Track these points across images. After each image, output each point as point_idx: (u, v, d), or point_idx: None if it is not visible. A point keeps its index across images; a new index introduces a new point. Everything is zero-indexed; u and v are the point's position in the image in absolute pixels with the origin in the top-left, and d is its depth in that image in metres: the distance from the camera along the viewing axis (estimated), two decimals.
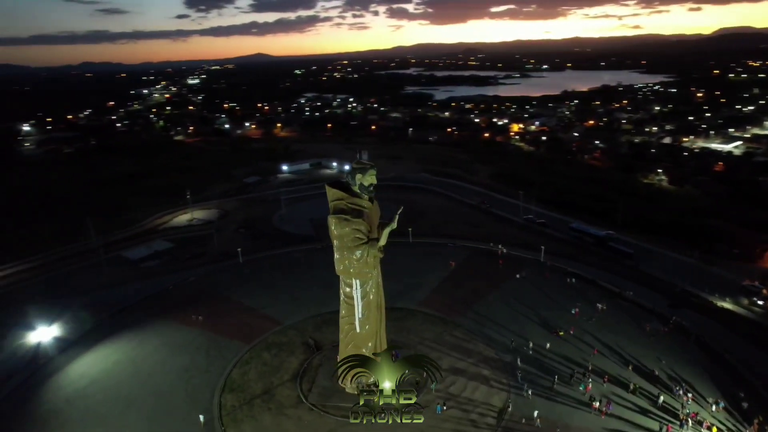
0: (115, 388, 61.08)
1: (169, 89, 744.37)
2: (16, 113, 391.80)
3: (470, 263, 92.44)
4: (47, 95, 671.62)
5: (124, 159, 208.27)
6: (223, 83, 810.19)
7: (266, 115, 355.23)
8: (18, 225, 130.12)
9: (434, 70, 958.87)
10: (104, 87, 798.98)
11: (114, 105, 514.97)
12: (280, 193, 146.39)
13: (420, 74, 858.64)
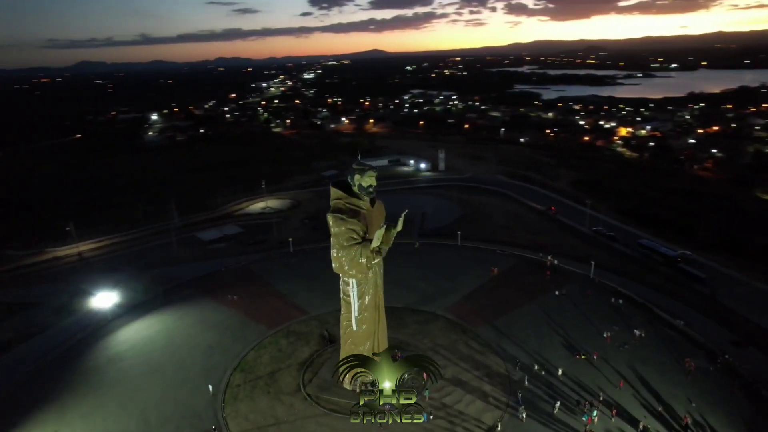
0: (147, 355, 67.84)
1: (286, 83, 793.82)
2: (155, 103, 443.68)
3: (514, 272, 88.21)
4: (184, 88, 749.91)
5: (224, 147, 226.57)
6: (335, 78, 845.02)
7: (366, 111, 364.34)
8: (121, 203, 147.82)
9: (549, 68, 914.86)
10: (232, 80, 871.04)
11: (235, 97, 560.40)
12: None
13: (533, 72, 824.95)
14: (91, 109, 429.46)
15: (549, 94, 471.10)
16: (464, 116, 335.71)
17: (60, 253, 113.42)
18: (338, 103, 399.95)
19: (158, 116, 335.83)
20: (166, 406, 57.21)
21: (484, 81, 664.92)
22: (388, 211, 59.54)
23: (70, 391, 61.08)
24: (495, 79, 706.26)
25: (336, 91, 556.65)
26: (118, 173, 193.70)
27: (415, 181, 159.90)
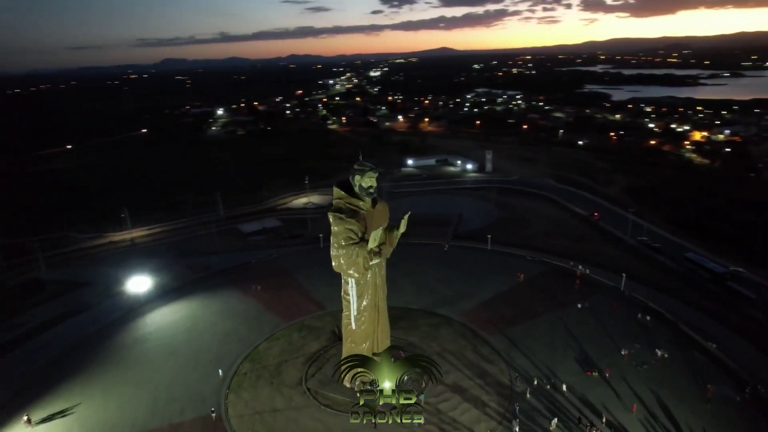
0: (168, 338, 71.81)
1: (352, 80, 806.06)
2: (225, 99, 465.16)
3: (540, 280, 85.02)
4: (255, 84, 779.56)
5: (279, 142, 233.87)
6: (401, 76, 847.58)
7: (425, 109, 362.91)
8: (177, 193, 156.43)
9: (624, 67, 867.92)
10: (302, 77, 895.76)
11: (302, 93, 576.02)
12: (392, 186, 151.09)
13: (605, 72, 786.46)
14: (169, 104, 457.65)
15: (620, 95, 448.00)
16: (525, 116, 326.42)
17: (115, 238, 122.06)
18: (398, 101, 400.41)
19: (224, 111, 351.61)
20: (176, 388, 60.29)
21: (552, 80, 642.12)
22: (421, 210, 58.94)
23: (97, 366, 65.81)
24: (564, 78, 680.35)
25: (400, 89, 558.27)
26: (180, 165, 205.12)
27: (459, 182, 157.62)
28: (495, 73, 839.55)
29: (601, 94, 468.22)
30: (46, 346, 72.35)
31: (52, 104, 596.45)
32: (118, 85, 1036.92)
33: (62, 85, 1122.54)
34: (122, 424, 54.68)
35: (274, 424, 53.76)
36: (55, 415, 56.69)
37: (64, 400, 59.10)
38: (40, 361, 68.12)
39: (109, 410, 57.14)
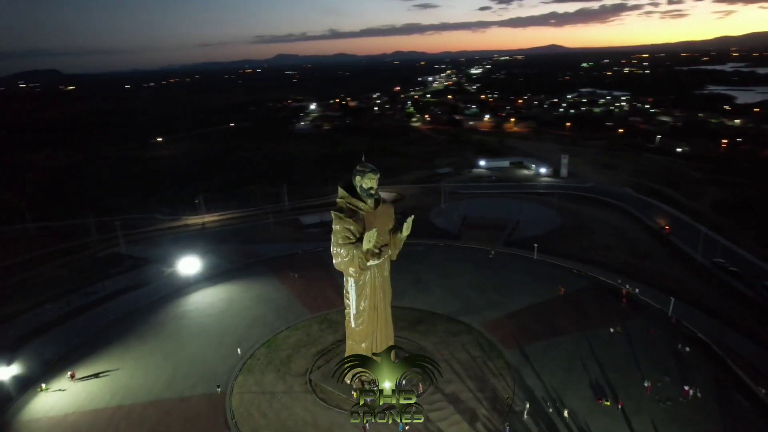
0: (202, 318, 77.50)
1: (451, 78, 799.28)
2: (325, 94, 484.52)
3: (580, 296, 79.34)
4: (358, 80, 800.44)
5: (359, 138, 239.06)
6: (503, 74, 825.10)
7: (519, 109, 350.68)
8: (255, 182, 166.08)
9: (762, 65, 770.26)
10: (403, 74, 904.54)
11: (399, 90, 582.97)
12: (457, 187, 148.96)
13: (736, 70, 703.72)
14: (274, 98, 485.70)
15: (748, 97, 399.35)
16: (625, 119, 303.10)
17: (189, 221, 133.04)
18: (490, 99, 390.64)
19: (317, 106, 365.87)
20: (195, 365, 64.99)
21: (667, 81, 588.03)
22: (479, 214, 57.94)
23: (136, 337, 72.82)
24: (683, 78, 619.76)
25: (498, 87, 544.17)
26: (264, 156, 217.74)
27: (529, 186, 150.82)
28: (604, 72, 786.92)
29: (723, 96, 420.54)
30: (105, 314, 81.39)
31: (175, 96, 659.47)
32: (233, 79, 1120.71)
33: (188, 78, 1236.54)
34: (141, 391, 60.14)
35: (268, 409, 56.09)
36: (93, 376, 63.76)
37: (104, 363, 66.24)
38: (95, 327, 76.71)
39: (135, 377, 63.11)
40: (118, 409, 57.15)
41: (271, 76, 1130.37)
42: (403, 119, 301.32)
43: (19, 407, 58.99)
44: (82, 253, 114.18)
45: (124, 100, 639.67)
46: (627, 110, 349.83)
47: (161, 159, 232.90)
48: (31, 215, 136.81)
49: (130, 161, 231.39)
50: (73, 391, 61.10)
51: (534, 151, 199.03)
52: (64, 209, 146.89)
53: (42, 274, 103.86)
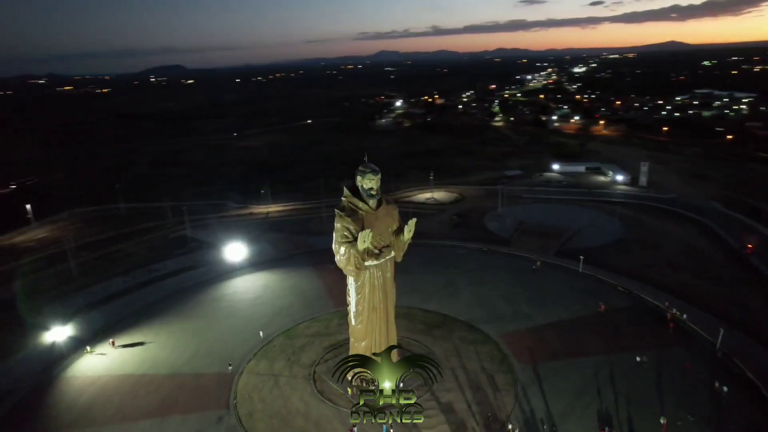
0: (236, 302, 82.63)
1: (551, 77, 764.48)
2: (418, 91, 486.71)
3: (620, 316, 73.17)
4: (454, 77, 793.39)
5: (436, 136, 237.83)
6: (608, 73, 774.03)
7: (616, 110, 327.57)
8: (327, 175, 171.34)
9: None
10: (502, 71, 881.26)
11: (494, 88, 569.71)
12: (523, 191, 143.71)
13: None
14: (369, 94, 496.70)
15: None
16: (742, 125, 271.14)
17: (255, 210, 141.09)
18: (584, 100, 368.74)
19: (403, 102, 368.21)
20: (217, 344, 69.58)
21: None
22: (536, 220, 56.86)
23: (175, 314, 79.49)
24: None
25: (600, 88, 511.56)
26: (342, 151, 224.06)
27: (601, 194, 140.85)
28: (729, 71, 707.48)
29: None
30: (158, 290, 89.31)
31: (278, 91, 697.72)
32: (334, 75, 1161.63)
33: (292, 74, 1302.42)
34: (165, 363, 65.73)
35: (267, 394, 58.69)
36: (130, 345, 70.66)
37: (142, 335, 73.17)
38: (145, 301, 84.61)
39: (164, 350, 69.02)
40: (141, 377, 62.91)
41: (370, 73, 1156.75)
42: (485, 118, 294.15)
43: (68, 364, 67.05)
44: (158, 233, 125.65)
45: (232, 93, 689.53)
46: (746, 114, 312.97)
47: (250, 149, 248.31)
48: (124, 196, 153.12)
49: (223, 150, 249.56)
50: (111, 357, 68.19)
51: (618, 156, 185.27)
52: (155, 192, 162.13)
53: (122, 249, 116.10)
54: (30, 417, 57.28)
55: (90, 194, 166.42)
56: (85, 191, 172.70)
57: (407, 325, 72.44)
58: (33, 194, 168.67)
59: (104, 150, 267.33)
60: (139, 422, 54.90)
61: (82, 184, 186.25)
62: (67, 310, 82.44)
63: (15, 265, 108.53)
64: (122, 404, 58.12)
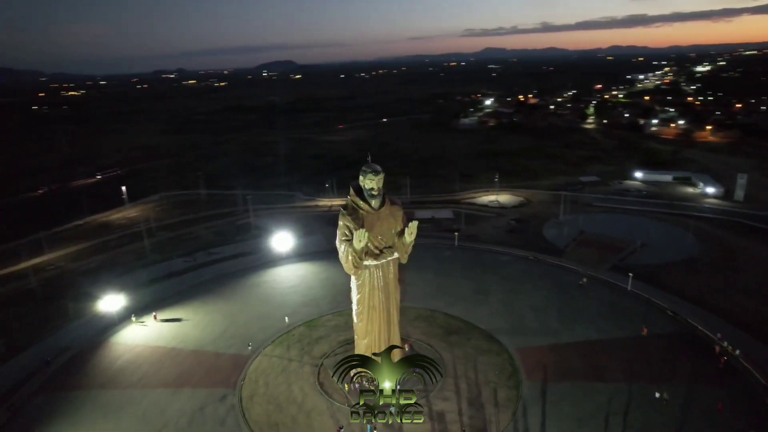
0: (270, 288, 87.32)
1: (667, 76, 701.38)
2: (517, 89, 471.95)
3: (663, 343, 66.18)
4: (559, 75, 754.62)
5: (517, 137, 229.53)
6: (738, 72, 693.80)
7: (734, 114, 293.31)
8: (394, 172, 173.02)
9: None
10: (613, 70, 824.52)
11: (600, 88, 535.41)
12: (596, 199, 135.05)
13: None
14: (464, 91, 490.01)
15: None
16: None
17: (320, 203, 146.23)
18: (696, 102, 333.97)
19: (493, 101, 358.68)
20: (243, 327, 73.87)
21: None
22: (599, 231, 56.68)
23: (216, 296, 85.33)
24: None
25: (725, 89, 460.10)
26: (419, 148, 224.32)
27: (683, 207, 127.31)
28: None
29: None
30: (208, 273, 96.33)
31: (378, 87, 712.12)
32: (436, 71, 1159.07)
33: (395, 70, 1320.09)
34: (193, 340, 71.19)
35: (273, 380, 61.37)
36: (169, 320, 77.27)
37: (181, 312, 79.69)
38: (195, 282, 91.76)
39: (196, 328, 74.70)
40: (169, 350, 68.70)
41: (473, 70, 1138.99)
42: (576, 120, 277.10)
43: (115, 331, 75.06)
44: (226, 219, 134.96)
45: (334, 88, 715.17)
46: None
47: (333, 144, 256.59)
48: (209, 183, 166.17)
49: (308, 143, 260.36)
50: (151, 328, 75.16)
51: (719, 166, 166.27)
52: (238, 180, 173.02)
53: (192, 232, 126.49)
54: (75, 372, 65.15)
55: (183, 179, 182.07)
56: (181, 176, 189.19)
57: (425, 327, 71.86)
58: (138, 177, 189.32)
59: (207, 139, 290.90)
60: (156, 390, 60.11)
61: (181, 170, 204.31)
62: (131, 282, 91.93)
63: (105, 240, 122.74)
64: (146, 373, 63.94)
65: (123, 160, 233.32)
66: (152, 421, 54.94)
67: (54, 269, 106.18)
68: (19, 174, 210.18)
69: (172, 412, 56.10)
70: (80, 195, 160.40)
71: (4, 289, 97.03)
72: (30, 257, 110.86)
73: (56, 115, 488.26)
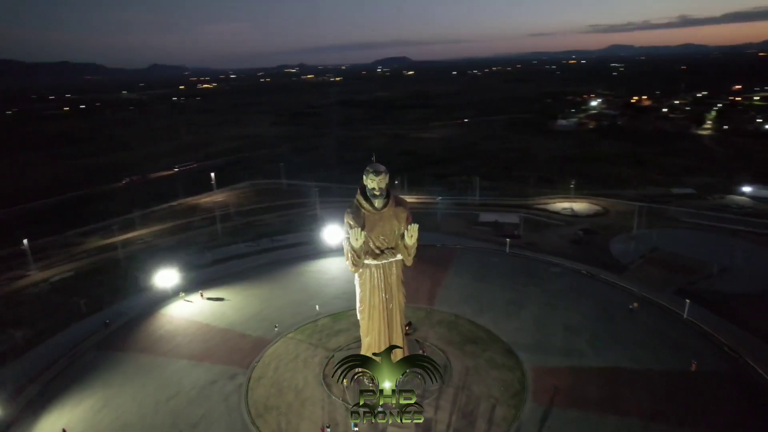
0: (311, 279, 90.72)
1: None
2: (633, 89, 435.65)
3: (710, 382, 58.25)
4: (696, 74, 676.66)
5: (615, 141, 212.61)
6: None
7: None
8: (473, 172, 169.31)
9: None
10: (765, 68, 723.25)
11: (739, 89, 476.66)
12: (689, 214, 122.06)
13: None
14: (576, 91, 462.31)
15: None
16: None
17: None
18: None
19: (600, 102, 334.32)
20: (275, 312, 78.00)
21: None
22: (676, 249, 59.03)
23: (260, 281, 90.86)
24: None
25: None
26: (507, 149, 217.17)
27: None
28: None
29: None
30: (265, 258, 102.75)
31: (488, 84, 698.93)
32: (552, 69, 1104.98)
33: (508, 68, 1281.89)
34: (227, 320, 76.73)
35: (283, 366, 64.33)
36: (214, 299, 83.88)
37: (225, 293, 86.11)
38: (250, 265, 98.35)
39: (233, 309, 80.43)
40: (204, 327, 74.84)
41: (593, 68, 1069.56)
42: (689, 124, 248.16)
43: (165, 304, 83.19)
44: (298, 209, 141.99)
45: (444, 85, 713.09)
46: None
47: (425, 141, 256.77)
48: (293, 175, 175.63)
49: (400, 140, 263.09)
50: (195, 305, 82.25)
51: None
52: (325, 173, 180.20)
53: (264, 219, 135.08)
54: (123, 336, 73.81)
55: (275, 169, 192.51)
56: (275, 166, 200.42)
57: (444, 333, 70.56)
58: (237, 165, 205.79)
59: (308, 131, 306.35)
60: (180, 361, 66.04)
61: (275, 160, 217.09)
62: (195, 261, 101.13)
63: (189, 221, 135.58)
64: (178, 344, 70.37)
65: (226, 149, 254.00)
66: (168, 388, 60.51)
67: (141, 243, 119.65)
68: (142, 159, 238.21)
69: (187, 382, 61.28)
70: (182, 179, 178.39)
71: (98, 258, 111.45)
72: (124, 232, 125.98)
73: (189, 106, 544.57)
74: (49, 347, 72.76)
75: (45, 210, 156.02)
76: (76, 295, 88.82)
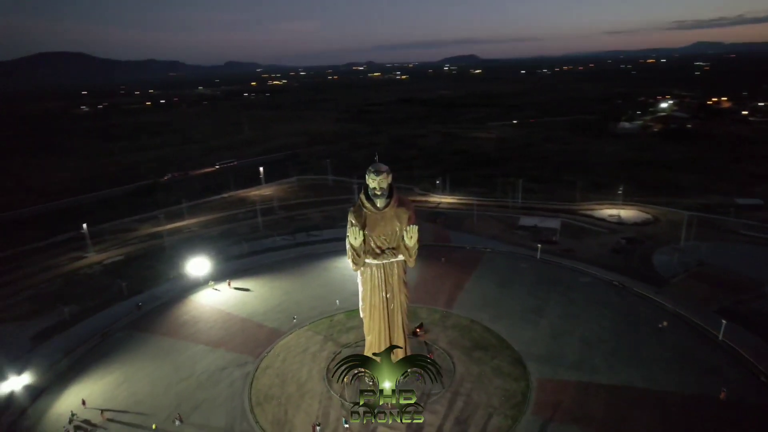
0: (336, 275, 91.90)
1: None
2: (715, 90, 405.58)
3: (736, 415, 53.58)
4: None
5: (677, 146, 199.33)
6: None
7: None
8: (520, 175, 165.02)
9: None
10: None
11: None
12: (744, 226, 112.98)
13: None
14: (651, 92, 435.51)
15: None
16: None
17: (431, 199, 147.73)
18: None
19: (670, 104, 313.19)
20: (295, 306, 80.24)
21: None
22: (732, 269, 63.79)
23: (286, 274, 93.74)
24: None
25: None
26: (562, 151, 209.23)
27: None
28: None
29: None
30: (296, 252, 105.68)
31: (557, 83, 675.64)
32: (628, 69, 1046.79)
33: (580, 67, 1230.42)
34: (248, 310, 79.92)
35: (292, 357, 66.38)
36: (240, 289, 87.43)
37: (252, 284, 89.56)
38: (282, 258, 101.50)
39: (256, 299, 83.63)
40: (226, 314, 78.39)
41: (673, 67, 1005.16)
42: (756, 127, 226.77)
43: (195, 291, 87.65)
44: (341, 206, 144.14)
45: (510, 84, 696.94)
46: None
47: (480, 140, 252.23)
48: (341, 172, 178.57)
49: (454, 139, 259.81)
50: (222, 294, 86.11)
51: None
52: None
53: (306, 214, 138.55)
54: (152, 318, 78.93)
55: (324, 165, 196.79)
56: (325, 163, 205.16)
57: (455, 337, 69.67)
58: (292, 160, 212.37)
59: (366, 129, 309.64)
60: (198, 345, 69.64)
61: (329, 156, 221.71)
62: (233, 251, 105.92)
63: (235, 212, 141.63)
64: (198, 329, 74.10)
65: (284, 145, 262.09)
66: (182, 370, 64.02)
67: (188, 232, 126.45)
68: (205, 152, 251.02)
69: (200, 367, 64.54)
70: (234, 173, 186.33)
71: (146, 244, 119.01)
72: (174, 221, 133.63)
73: (258, 102, 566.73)
74: (87, 325, 78.81)
75: (116, 197, 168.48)
76: (122, 278, 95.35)
